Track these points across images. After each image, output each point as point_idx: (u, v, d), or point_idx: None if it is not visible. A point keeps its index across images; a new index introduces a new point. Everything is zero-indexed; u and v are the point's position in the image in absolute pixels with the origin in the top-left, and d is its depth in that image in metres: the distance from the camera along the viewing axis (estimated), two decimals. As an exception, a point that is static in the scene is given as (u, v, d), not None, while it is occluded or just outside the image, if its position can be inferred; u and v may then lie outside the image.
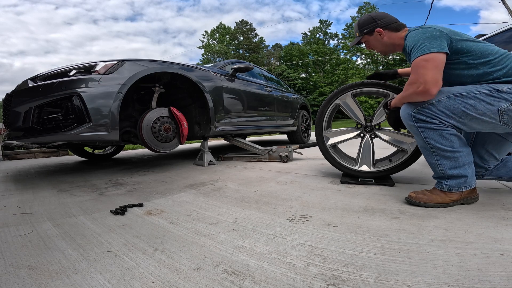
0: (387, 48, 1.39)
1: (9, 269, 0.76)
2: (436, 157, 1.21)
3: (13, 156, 3.85)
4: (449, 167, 1.19)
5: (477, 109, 1.10)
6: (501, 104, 1.07)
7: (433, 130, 1.17)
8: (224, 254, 0.83)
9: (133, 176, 2.19)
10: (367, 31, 1.39)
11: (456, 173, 1.18)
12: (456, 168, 1.18)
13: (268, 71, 4.73)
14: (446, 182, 1.21)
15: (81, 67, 1.89)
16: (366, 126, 1.77)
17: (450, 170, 1.19)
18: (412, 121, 1.21)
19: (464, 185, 1.19)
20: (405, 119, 1.25)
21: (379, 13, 1.40)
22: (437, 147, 1.18)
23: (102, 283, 0.69)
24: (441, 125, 1.16)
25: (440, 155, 1.20)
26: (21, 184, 2.01)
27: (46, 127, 1.81)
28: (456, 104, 1.13)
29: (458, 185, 1.19)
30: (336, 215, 1.14)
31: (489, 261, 0.74)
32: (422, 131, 1.20)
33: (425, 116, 1.17)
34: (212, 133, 2.59)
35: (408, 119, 1.23)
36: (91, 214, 1.25)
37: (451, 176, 1.19)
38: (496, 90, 1.08)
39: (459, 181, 1.19)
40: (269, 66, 36.03)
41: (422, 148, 1.26)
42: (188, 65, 2.47)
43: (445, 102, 1.15)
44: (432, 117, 1.17)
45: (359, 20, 1.45)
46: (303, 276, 0.70)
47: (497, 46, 1.16)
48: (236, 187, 1.70)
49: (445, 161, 1.19)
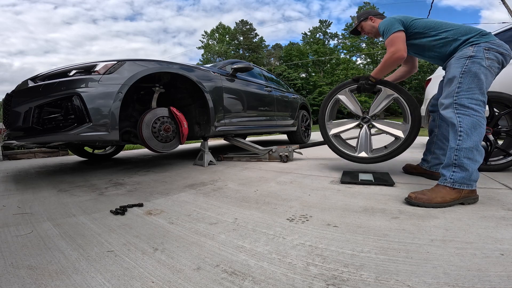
0: (374, 29, 1.80)
1: (9, 269, 0.76)
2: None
3: (13, 156, 3.84)
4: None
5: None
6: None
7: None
8: (224, 254, 0.83)
9: (133, 176, 2.19)
10: (363, 19, 1.84)
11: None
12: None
13: (268, 71, 4.73)
14: (452, 175, 1.24)
15: (81, 67, 1.89)
16: (364, 118, 1.96)
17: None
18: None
19: (467, 183, 1.22)
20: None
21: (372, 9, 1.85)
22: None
23: (102, 283, 0.69)
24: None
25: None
26: (21, 184, 2.01)
27: (46, 127, 1.81)
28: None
29: (462, 180, 1.21)
30: (336, 215, 1.14)
31: (489, 261, 0.74)
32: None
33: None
34: (212, 133, 2.59)
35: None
36: (91, 214, 1.25)
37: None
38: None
39: (464, 174, 1.22)
40: (269, 66, 36.00)
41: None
42: (188, 65, 2.47)
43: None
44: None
45: (359, 13, 1.91)
46: (303, 276, 0.70)
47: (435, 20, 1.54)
48: (236, 187, 1.70)
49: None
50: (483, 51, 1.30)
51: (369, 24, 1.81)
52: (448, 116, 1.31)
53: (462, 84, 1.28)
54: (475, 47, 1.33)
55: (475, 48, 1.32)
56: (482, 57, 1.29)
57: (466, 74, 1.29)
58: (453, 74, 1.33)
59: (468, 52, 1.33)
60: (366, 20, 1.82)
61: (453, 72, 1.33)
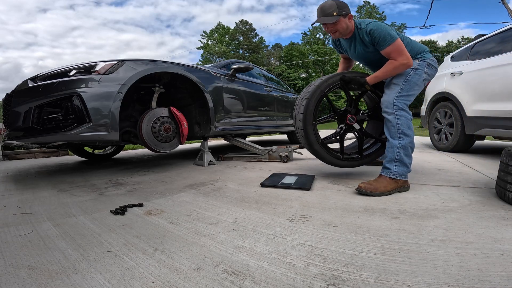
0: (347, 31, 1.62)
1: (9, 269, 0.76)
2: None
3: (13, 156, 3.84)
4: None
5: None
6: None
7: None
8: (224, 254, 0.83)
9: (133, 176, 2.19)
10: (344, 13, 1.56)
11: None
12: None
13: (268, 71, 4.73)
14: (395, 168, 1.47)
15: (81, 67, 1.89)
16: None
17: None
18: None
19: (405, 174, 1.48)
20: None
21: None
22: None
23: (102, 283, 0.69)
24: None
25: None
26: (21, 184, 2.01)
27: (46, 127, 1.81)
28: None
29: (403, 172, 1.47)
30: (336, 215, 1.14)
31: (489, 261, 0.74)
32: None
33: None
34: (212, 133, 2.59)
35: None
36: (91, 214, 1.25)
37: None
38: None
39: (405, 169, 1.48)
40: (269, 66, 35.98)
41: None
42: (188, 65, 2.47)
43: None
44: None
45: (336, 2, 1.56)
46: (303, 276, 0.70)
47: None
48: (236, 187, 1.70)
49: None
50: (425, 66, 1.58)
51: (345, 22, 1.58)
52: (388, 118, 1.53)
53: (403, 91, 1.53)
54: (420, 61, 1.59)
55: (420, 62, 1.58)
56: (423, 70, 1.57)
57: (407, 82, 1.54)
58: (397, 79, 1.56)
59: (413, 63, 1.56)
60: (346, 16, 1.57)
61: (397, 78, 1.56)
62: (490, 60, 2.56)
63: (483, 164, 2.26)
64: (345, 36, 1.66)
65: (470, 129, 2.74)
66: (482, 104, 2.57)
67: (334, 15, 1.54)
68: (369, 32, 1.55)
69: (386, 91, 1.59)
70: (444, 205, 1.22)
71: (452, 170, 2.03)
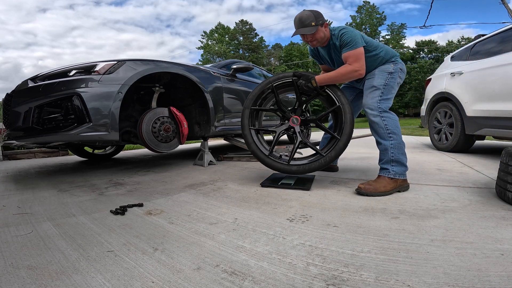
0: (324, 39, 1.64)
1: (9, 269, 0.76)
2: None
3: (13, 156, 3.84)
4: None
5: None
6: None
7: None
8: (224, 254, 0.83)
9: (133, 176, 2.19)
10: (321, 22, 1.58)
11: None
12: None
13: (268, 71, 4.73)
14: (393, 168, 1.48)
15: (81, 67, 1.89)
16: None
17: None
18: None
19: (404, 173, 1.50)
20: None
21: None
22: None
23: (102, 283, 0.69)
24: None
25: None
26: (21, 184, 2.01)
27: (46, 127, 1.81)
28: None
29: (401, 171, 1.49)
30: (336, 215, 1.14)
31: (489, 261, 0.74)
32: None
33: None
34: (212, 133, 2.59)
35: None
36: (91, 214, 1.25)
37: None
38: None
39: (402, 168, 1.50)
40: (269, 66, 36.00)
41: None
42: (188, 65, 2.47)
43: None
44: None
45: (313, 13, 1.58)
46: (303, 276, 0.70)
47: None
48: (236, 187, 1.70)
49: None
50: (399, 70, 1.65)
51: (323, 31, 1.59)
52: (375, 121, 1.54)
53: (383, 94, 1.58)
54: (394, 65, 1.65)
55: (395, 66, 1.64)
56: (397, 74, 1.64)
57: (387, 87, 1.60)
58: (377, 83, 1.60)
59: (389, 68, 1.63)
60: (322, 25, 1.58)
61: (378, 82, 1.60)
62: (490, 60, 2.56)
63: (483, 164, 2.26)
64: (322, 44, 1.67)
65: (470, 129, 2.74)
66: (482, 104, 2.57)
67: (312, 25, 1.55)
68: (339, 35, 1.58)
69: (367, 94, 1.61)
70: (444, 205, 1.22)
71: (452, 170, 2.03)
